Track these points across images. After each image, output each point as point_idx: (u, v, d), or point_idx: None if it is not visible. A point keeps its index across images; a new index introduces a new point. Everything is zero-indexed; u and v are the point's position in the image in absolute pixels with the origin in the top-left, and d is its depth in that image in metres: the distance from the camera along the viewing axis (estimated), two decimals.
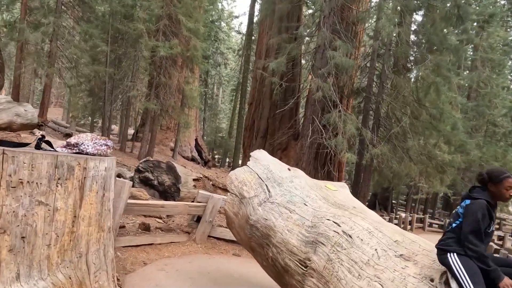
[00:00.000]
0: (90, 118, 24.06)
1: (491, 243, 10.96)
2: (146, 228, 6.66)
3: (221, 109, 49.18)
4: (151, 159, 9.73)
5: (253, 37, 29.45)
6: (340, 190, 4.22)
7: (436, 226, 25.81)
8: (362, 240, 3.20)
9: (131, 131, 26.91)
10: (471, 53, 29.27)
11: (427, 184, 13.88)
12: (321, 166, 13.11)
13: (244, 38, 35.08)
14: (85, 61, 18.66)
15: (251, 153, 4.80)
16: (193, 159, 25.85)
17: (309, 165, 12.74)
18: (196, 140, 27.13)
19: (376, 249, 3.10)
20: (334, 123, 11.16)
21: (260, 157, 4.75)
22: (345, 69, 11.15)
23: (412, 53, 13.22)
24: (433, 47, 12.14)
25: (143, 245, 6.27)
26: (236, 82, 39.84)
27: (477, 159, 22.25)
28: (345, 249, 3.19)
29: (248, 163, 4.67)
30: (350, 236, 3.25)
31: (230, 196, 4.54)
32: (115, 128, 31.65)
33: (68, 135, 17.32)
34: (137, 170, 9.07)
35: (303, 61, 17.11)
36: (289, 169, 4.57)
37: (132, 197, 7.49)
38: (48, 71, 16.15)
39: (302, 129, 13.84)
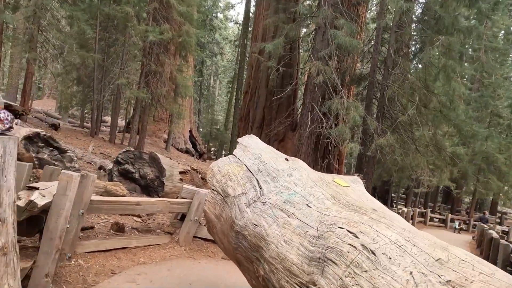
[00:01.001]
0: (80, 108, 23.04)
1: (506, 242, 10.10)
2: (119, 229, 5.70)
3: (217, 101, 48.25)
4: (132, 149, 8.74)
5: (249, 28, 28.50)
6: (353, 187, 3.25)
7: (437, 220, 25.07)
8: (390, 258, 2.24)
9: (125, 122, 25.98)
10: (471, 42, 28.36)
11: (435, 177, 12.94)
12: (321, 158, 12.15)
13: (240, 28, 34.00)
14: (71, 48, 17.55)
15: (239, 139, 3.81)
16: (187, 151, 25.03)
17: (308, 157, 11.76)
18: (190, 131, 26.25)
19: (411, 272, 2.14)
20: (336, 111, 10.16)
21: (250, 144, 3.77)
22: (348, 50, 10.11)
23: (419, 34, 12.20)
24: (443, 28, 11.12)
25: (114, 249, 5.33)
26: (232, 73, 38.82)
27: (480, 151, 21.44)
28: (366, 271, 2.23)
29: (235, 151, 3.68)
30: (373, 253, 2.28)
31: (212, 193, 3.57)
32: (109, 119, 30.58)
33: (54, 126, 16.24)
34: (116, 162, 8.07)
35: (301, 52, 16.07)
36: (286, 160, 3.60)
37: (107, 192, 6.54)
38: (29, 56, 15.05)
39: (300, 117, 12.84)
